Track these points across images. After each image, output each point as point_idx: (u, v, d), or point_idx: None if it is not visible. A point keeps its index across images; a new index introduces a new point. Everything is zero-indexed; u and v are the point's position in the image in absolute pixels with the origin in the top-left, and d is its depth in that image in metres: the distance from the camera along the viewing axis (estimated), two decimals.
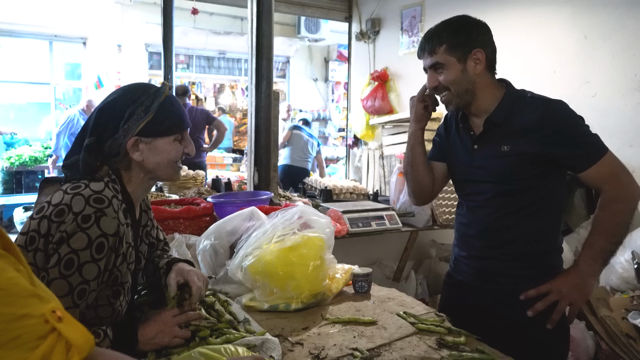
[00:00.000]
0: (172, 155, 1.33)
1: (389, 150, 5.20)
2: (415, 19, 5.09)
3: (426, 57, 1.64)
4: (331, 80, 11.41)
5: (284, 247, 1.73)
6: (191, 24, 9.25)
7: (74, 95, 9.63)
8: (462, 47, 1.58)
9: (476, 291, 1.73)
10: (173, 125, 1.32)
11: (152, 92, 1.29)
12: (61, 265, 1.12)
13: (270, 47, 2.68)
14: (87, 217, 1.15)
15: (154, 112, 1.27)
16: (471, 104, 1.64)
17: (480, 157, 1.66)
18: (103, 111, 1.29)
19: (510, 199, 1.63)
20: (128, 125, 1.26)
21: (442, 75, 1.60)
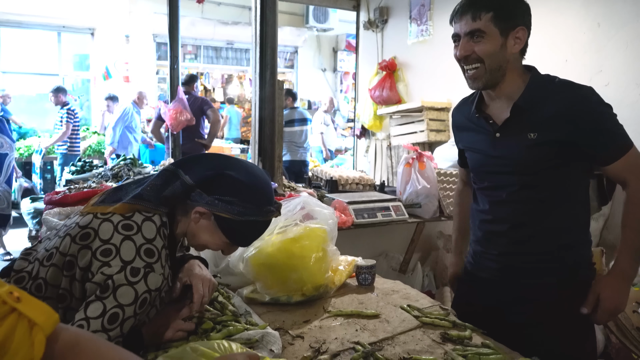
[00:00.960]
0: (212, 246, 1.35)
1: (396, 141, 5.14)
2: (424, 7, 5.01)
3: (466, 22, 1.49)
4: (340, 70, 11.34)
5: (286, 239, 1.70)
6: (199, 14, 9.24)
7: (82, 87, 9.65)
8: (509, 20, 1.48)
9: (500, 287, 1.65)
10: (240, 238, 1.35)
11: (262, 210, 1.30)
12: (105, 318, 1.10)
13: (274, 36, 2.64)
14: (137, 270, 1.14)
15: (243, 222, 1.29)
16: (498, 84, 1.53)
17: (502, 146, 1.56)
18: (222, 177, 1.29)
19: (536, 192, 1.55)
20: (218, 203, 1.27)
21: (479, 45, 1.48)
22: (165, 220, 1.26)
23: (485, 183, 1.66)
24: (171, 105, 4.91)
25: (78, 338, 0.73)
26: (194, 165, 1.32)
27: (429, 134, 4.67)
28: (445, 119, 4.83)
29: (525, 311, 1.58)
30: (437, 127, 4.72)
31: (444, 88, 4.84)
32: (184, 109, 4.89)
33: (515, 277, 1.62)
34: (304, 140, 6.17)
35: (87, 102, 9.59)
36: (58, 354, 0.68)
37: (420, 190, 2.91)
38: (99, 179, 3.47)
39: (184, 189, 1.27)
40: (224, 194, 1.27)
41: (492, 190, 1.64)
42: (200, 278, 1.41)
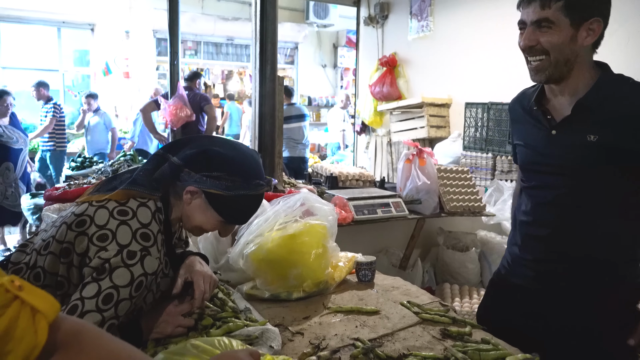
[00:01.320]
0: (206, 225, 1.35)
1: (397, 137, 5.14)
2: (425, 3, 4.99)
3: (534, 9, 1.37)
4: (340, 66, 11.33)
5: (286, 235, 1.69)
6: (199, 9, 9.22)
7: (82, 82, 9.65)
8: (583, 10, 1.34)
9: (536, 295, 1.55)
10: (232, 214, 1.34)
11: (249, 183, 1.31)
12: (99, 298, 1.11)
13: (274, 32, 2.63)
14: (133, 254, 1.15)
15: (231, 195, 1.29)
16: (563, 79, 1.41)
17: (558, 145, 1.44)
18: (207, 153, 1.30)
19: (587, 198, 1.43)
20: (206, 180, 1.28)
21: (545, 36, 1.36)
22: (160, 205, 1.27)
23: (533, 182, 1.55)
24: (171, 101, 4.90)
25: (80, 327, 0.74)
26: (181, 147, 1.33)
27: (429, 130, 4.67)
28: (446, 115, 4.82)
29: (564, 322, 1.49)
30: (438, 123, 4.72)
31: (445, 84, 4.83)
32: (184, 105, 4.88)
33: (552, 286, 1.51)
34: (302, 136, 6.14)
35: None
36: (60, 341, 0.69)
37: (421, 186, 2.91)
38: (99, 175, 3.47)
39: (172, 170, 1.29)
40: (211, 170, 1.28)
41: (538, 190, 1.53)
42: (201, 274, 1.41)
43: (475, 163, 4.11)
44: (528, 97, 1.56)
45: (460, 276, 3.19)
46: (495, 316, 1.64)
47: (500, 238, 3.27)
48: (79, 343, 0.71)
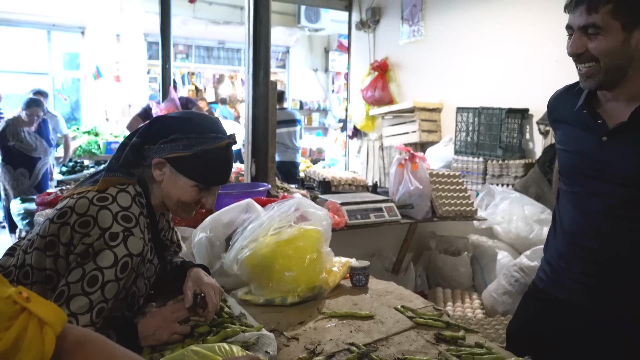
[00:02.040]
0: (183, 196, 1.31)
1: (388, 141, 5.17)
2: (416, 8, 5.02)
3: (580, 14, 1.28)
4: (331, 70, 11.34)
5: (281, 240, 1.69)
6: (190, 13, 9.19)
7: (72, 86, 9.57)
8: (635, 11, 1.24)
9: (586, 312, 1.43)
10: (201, 174, 1.30)
11: (206, 137, 1.28)
12: (84, 281, 1.11)
13: (267, 36, 2.64)
14: (115, 235, 1.15)
15: (192, 153, 1.26)
16: (617, 84, 1.32)
17: (609, 152, 1.34)
18: (157, 121, 1.31)
19: (632, 214, 1.33)
20: (164, 146, 1.27)
21: (594, 42, 1.27)
22: (139, 190, 1.28)
23: (578, 188, 1.44)
24: (163, 105, 4.89)
25: (85, 336, 0.75)
26: (139, 129, 1.34)
27: (420, 135, 4.70)
28: (437, 119, 4.85)
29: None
30: (429, 128, 4.75)
31: (436, 89, 4.86)
32: (175, 108, 4.86)
33: (609, 304, 1.40)
34: (292, 141, 6.12)
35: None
36: (67, 351, 0.70)
37: (413, 191, 2.92)
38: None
39: (134, 151, 1.29)
40: (166, 136, 1.27)
41: (586, 198, 1.42)
42: (211, 286, 1.41)
43: (466, 167, 4.14)
44: (573, 95, 1.46)
45: (452, 280, 3.21)
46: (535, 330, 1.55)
47: (492, 242, 3.29)
48: (84, 352, 0.73)
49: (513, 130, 3.91)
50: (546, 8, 3.79)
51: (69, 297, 1.10)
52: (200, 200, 1.34)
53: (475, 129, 4.09)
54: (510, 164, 3.84)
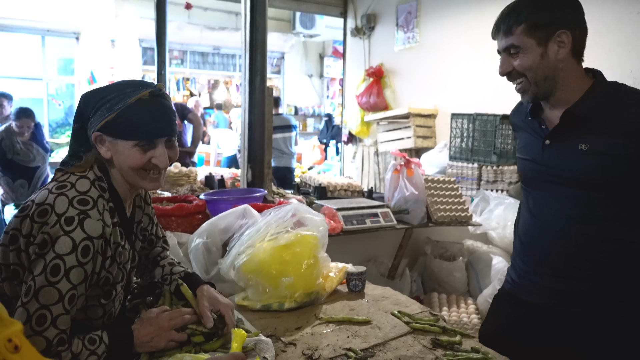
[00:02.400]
0: (129, 161, 1.24)
1: (384, 147, 5.18)
2: (411, 15, 5.06)
3: (500, 38, 1.44)
4: (326, 76, 11.38)
5: (278, 246, 1.70)
6: (185, 19, 9.20)
7: (67, 91, 9.55)
8: (545, 27, 1.36)
9: (550, 315, 1.49)
10: (133, 130, 1.22)
11: (125, 92, 1.23)
12: (47, 272, 1.09)
13: (264, 42, 2.65)
14: (70, 219, 1.12)
15: (116, 113, 1.21)
16: (552, 94, 1.43)
17: (552, 154, 1.45)
18: (84, 99, 1.28)
19: (589, 207, 1.40)
20: (93, 119, 1.23)
21: (517, 60, 1.41)
22: (99, 175, 1.26)
23: (535, 193, 1.54)
24: None
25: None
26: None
27: (415, 140, 4.72)
28: (432, 125, 4.88)
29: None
30: (424, 134, 4.77)
31: (431, 95, 4.89)
32: None
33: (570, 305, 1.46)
34: (288, 147, 6.12)
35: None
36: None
37: (409, 196, 2.94)
38: None
39: (75, 138, 1.28)
40: (91, 109, 1.24)
41: (542, 201, 1.51)
42: (227, 306, 1.41)
43: (461, 173, 4.16)
44: (525, 107, 1.59)
45: (447, 285, 3.22)
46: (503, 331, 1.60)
47: (487, 247, 3.31)
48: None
49: (507, 137, 3.94)
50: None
51: (37, 291, 1.08)
52: (151, 161, 1.26)
53: (470, 135, 4.12)
54: (504, 169, 3.87)
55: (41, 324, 1.07)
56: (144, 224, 1.49)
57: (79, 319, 1.20)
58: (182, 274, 1.50)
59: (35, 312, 1.07)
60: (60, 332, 1.09)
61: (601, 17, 3.45)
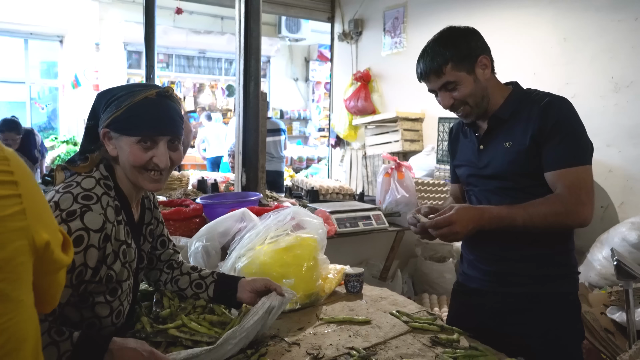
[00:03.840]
0: (132, 157, 1.26)
1: (371, 150, 5.24)
2: (398, 20, 5.14)
3: (433, 80, 1.59)
4: (312, 80, 11.44)
5: (278, 248, 1.73)
6: (171, 22, 9.17)
7: (50, 94, 9.45)
8: (468, 58, 1.56)
9: (491, 297, 1.67)
10: (137, 126, 1.25)
11: (134, 91, 1.27)
12: None
13: (258, 48, 2.68)
14: (72, 212, 1.14)
15: (123, 109, 1.24)
16: (487, 108, 1.62)
17: (485, 156, 1.65)
18: (97, 97, 1.32)
19: (514, 197, 1.57)
20: (103, 116, 1.27)
21: (456, 92, 1.57)
22: (105, 174, 1.28)
23: (473, 191, 1.73)
24: None
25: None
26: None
27: (403, 144, 4.78)
28: (419, 129, 4.95)
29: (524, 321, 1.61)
30: (412, 137, 4.84)
31: (418, 99, 4.96)
32: None
33: (505, 285, 1.65)
34: (277, 151, 6.14)
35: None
36: None
37: (400, 199, 2.99)
38: None
39: (88, 135, 1.30)
40: (101, 106, 1.28)
41: (478, 195, 1.70)
42: (265, 280, 1.52)
43: (448, 176, 4.23)
44: (460, 124, 1.80)
45: (438, 286, 3.28)
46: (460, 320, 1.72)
47: None
48: None
49: None
50: (525, 22, 3.93)
51: None
52: (152, 160, 1.28)
53: None
54: None
55: None
56: (153, 226, 1.51)
57: (88, 317, 1.21)
58: (216, 276, 1.55)
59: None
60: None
61: (584, 25, 3.56)
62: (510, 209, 1.51)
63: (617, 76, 3.38)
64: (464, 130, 1.76)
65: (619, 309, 2.70)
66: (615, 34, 3.39)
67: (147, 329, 1.31)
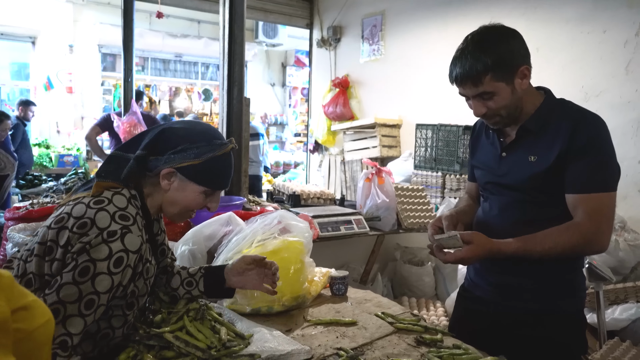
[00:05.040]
0: (191, 202, 1.35)
1: (350, 156, 5.30)
2: (376, 28, 5.22)
3: (468, 88, 1.48)
4: (288, 85, 11.47)
5: (265, 252, 1.76)
6: (147, 25, 9.09)
7: (20, 96, 9.23)
8: (509, 68, 1.44)
9: (494, 308, 1.65)
10: (211, 179, 1.34)
11: (214, 144, 1.32)
12: (76, 271, 1.12)
13: (242, 53, 2.71)
14: (114, 232, 1.16)
15: (202, 160, 1.30)
16: (518, 117, 1.53)
17: (506, 164, 1.58)
18: (164, 133, 1.33)
19: (530, 211, 1.54)
20: (174, 157, 1.30)
21: (491, 102, 1.47)
22: (134, 193, 1.30)
23: (488, 198, 1.68)
24: (124, 118, 4.82)
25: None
26: (134, 142, 1.36)
27: (381, 150, 4.86)
28: (397, 135, 5.04)
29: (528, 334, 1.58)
30: (389, 143, 4.92)
31: (396, 106, 5.05)
32: (137, 122, 4.81)
33: (510, 299, 1.61)
34: (257, 155, 6.15)
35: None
36: None
37: (380, 204, 3.05)
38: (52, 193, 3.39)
39: (139, 163, 1.31)
40: (175, 147, 1.30)
41: (492, 204, 1.66)
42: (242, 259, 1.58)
43: (426, 181, 4.32)
44: (484, 124, 1.70)
45: (417, 289, 3.34)
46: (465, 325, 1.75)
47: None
48: None
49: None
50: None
51: (60, 285, 1.10)
52: (206, 205, 1.39)
53: (434, 145, 4.29)
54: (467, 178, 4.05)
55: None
56: (159, 235, 1.53)
57: (103, 328, 1.24)
58: (203, 271, 1.57)
59: (51, 305, 1.09)
60: (65, 333, 1.09)
61: (555, 36, 3.69)
62: (527, 244, 1.46)
63: (587, 85, 3.52)
64: (487, 131, 1.67)
65: (589, 310, 2.80)
66: (584, 45, 3.53)
67: (140, 332, 1.32)
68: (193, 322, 1.39)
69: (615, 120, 3.39)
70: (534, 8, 3.85)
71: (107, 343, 1.29)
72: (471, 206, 1.82)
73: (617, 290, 2.81)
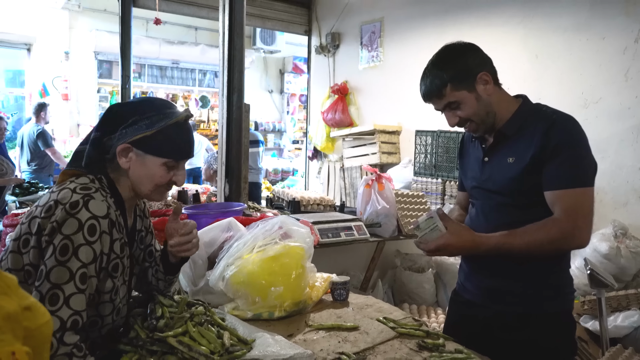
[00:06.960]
0: (155, 177, 1.32)
1: (349, 163, 5.30)
2: (375, 35, 5.24)
3: (436, 102, 1.61)
4: (286, 92, 11.49)
5: (267, 257, 1.75)
6: (144, 32, 9.11)
7: (15, 104, 9.22)
8: (466, 77, 1.56)
9: (483, 311, 1.68)
10: (168, 149, 1.31)
11: (165, 113, 1.30)
12: (57, 252, 1.12)
13: (241, 60, 2.71)
14: (75, 203, 1.16)
15: (155, 130, 1.28)
16: (494, 122, 1.61)
17: (489, 169, 1.65)
18: (112, 110, 1.33)
19: (513, 214, 1.59)
20: (126, 131, 1.28)
21: (459, 111, 1.58)
22: (100, 176, 1.30)
23: (474, 202, 1.75)
24: None
25: None
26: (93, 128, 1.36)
27: (381, 156, 4.86)
28: (396, 141, 5.04)
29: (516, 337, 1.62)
30: (389, 150, 4.92)
31: (395, 112, 5.06)
32: None
33: (497, 302, 1.65)
34: (255, 162, 6.13)
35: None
36: None
37: (380, 210, 3.04)
38: None
39: (95, 146, 1.30)
40: (125, 121, 1.28)
41: (478, 208, 1.72)
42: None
43: (425, 188, 4.32)
44: (470, 134, 1.79)
45: (417, 296, 3.33)
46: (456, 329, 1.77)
47: (454, 259, 3.45)
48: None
49: None
50: (497, 40, 4.07)
51: (48, 272, 1.11)
52: (172, 179, 1.35)
53: (434, 152, 4.29)
54: None
55: (54, 303, 1.10)
56: (143, 234, 1.52)
57: (91, 315, 1.22)
58: (159, 254, 1.56)
59: (47, 292, 1.10)
60: (74, 312, 1.11)
61: (553, 43, 3.72)
62: (507, 238, 1.52)
63: (587, 92, 3.53)
64: (473, 140, 1.76)
65: (591, 317, 2.80)
66: (583, 52, 3.55)
67: (142, 336, 1.31)
68: (196, 327, 1.38)
69: (615, 127, 3.41)
70: (532, 16, 3.87)
71: (99, 332, 1.28)
72: (462, 215, 1.89)
73: (619, 297, 2.80)
